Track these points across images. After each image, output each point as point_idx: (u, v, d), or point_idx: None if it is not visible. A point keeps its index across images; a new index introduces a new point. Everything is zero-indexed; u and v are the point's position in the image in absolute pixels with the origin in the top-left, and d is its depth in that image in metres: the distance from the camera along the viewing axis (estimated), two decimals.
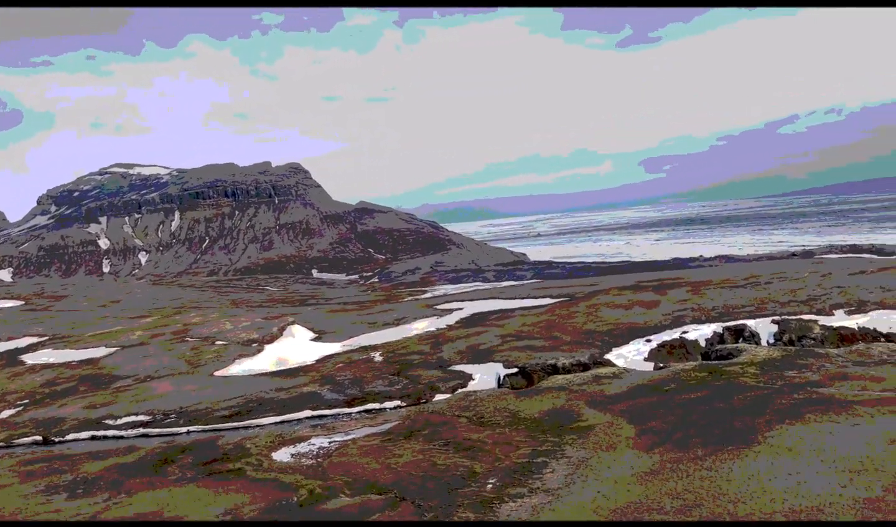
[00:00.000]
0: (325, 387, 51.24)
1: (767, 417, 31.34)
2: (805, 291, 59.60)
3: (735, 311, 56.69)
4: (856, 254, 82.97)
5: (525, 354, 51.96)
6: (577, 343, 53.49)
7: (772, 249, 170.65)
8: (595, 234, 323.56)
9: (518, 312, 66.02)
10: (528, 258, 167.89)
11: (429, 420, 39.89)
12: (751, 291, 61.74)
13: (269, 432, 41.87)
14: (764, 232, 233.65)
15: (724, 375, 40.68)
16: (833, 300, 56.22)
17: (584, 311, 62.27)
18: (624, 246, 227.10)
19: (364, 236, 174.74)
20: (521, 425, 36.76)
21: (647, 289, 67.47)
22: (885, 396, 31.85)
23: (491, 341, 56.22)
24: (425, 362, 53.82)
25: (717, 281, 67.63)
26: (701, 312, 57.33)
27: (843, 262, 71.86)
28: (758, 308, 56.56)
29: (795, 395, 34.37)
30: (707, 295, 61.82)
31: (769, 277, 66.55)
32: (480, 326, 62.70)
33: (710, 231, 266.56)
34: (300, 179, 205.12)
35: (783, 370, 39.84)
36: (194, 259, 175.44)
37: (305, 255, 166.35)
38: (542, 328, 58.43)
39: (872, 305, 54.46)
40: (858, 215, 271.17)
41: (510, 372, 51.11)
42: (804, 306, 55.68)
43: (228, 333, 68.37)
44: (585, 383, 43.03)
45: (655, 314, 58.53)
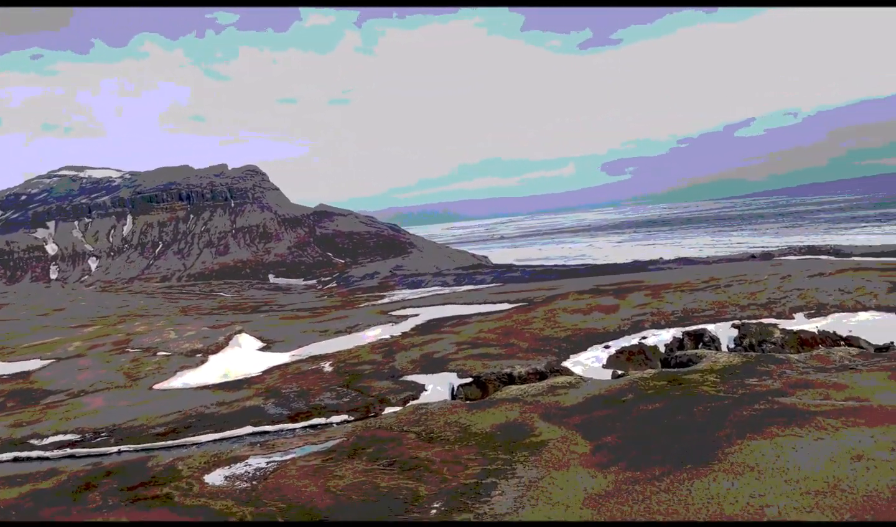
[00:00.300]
0: (270, 401, 48.53)
1: (728, 430, 29.80)
2: (765, 293, 58.76)
3: (695, 315, 55.52)
4: (814, 255, 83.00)
5: (480, 362, 49.98)
6: (535, 350, 51.70)
7: (731, 250, 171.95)
8: (558, 236, 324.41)
9: (475, 318, 64.05)
10: (489, 261, 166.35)
11: (375, 436, 37.58)
12: (710, 295, 60.72)
13: (205, 452, 39.07)
14: (723, 233, 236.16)
15: (684, 383, 39.21)
16: (793, 303, 55.40)
17: (543, 316, 60.59)
18: (586, 248, 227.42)
19: (323, 240, 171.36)
20: (472, 440, 34.70)
21: (607, 293, 66.07)
22: (848, 406, 30.56)
23: (446, 349, 54.12)
24: (377, 373, 51.48)
25: (677, 284, 66.59)
26: (660, 317, 56.04)
27: (801, 263, 71.50)
28: (718, 312, 55.47)
29: (757, 405, 32.95)
30: (667, 299, 60.60)
31: (729, 279, 65.69)
32: (436, 333, 60.58)
33: (670, 233, 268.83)
34: (257, 182, 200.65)
35: (744, 378, 38.49)
36: (147, 264, 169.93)
37: (262, 259, 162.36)
38: (500, 335, 56.54)
39: (832, 307, 53.74)
40: (815, 217, 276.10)
41: (464, 382, 49.06)
42: (764, 310, 54.75)
43: (172, 343, 65.06)
44: (541, 394, 41.20)
45: (614, 319, 57.07)
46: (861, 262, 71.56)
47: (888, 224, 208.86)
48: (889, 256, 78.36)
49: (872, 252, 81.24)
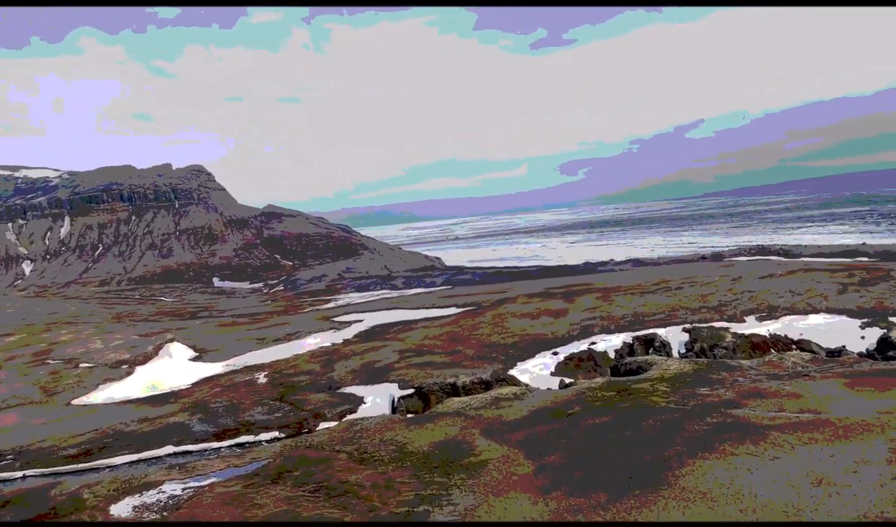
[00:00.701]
0: (196, 416, 45.10)
1: (679, 448, 27.82)
2: (716, 296, 57.57)
3: (645, 319, 53.92)
4: (764, 256, 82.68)
5: (424, 372, 47.40)
6: (481, 358, 49.36)
7: (682, 250, 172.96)
8: (512, 237, 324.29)
9: (421, 324, 61.49)
10: (442, 263, 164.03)
11: (304, 457, 34.69)
12: (661, 298, 59.33)
13: (116, 477, 35.60)
14: (675, 234, 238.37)
15: (633, 394, 37.28)
16: (744, 306, 54.25)
17: (490, 321, 58.35)
18: (540, 249, 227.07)
19: (271, 242, 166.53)
20: (408, 461, 32.08)
21: (556, 296, 64.25)
22: (803, 419, 28.93)
23: (389, 358, 51.40)
24: (313, 384, 48.48)
25: (627, 287, 65.13)
26: (610, 321, 54.30)
27: (752, 265, 70.81)
28: (668, 316, 53.98)
29: (709, 418, 31.14)
30: (617, 302, 58.99)
31: (680, 281, 64.51)
32: (380, 340, 57.82)
33: (623, 233, 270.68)
34: (203, 182, 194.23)
35: (695, 387, 36.76)
36: (85, 268, 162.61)
37: (207, 262, 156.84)
38: (445, 341, 54.09)
39: (783, 310, 52.70)
40: (763, 217, 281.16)
41: (406, 394, 46.40)
42: (715, 313, 53.45)
43: (97, 353, 60.86)
44: (484, 407, 38.82)
45: (564, 324, 55.14)
46: (810, 262, 71.33)
47: (833, 224, 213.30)
48: (837, 256, 78.55)
49: (821, 253, 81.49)
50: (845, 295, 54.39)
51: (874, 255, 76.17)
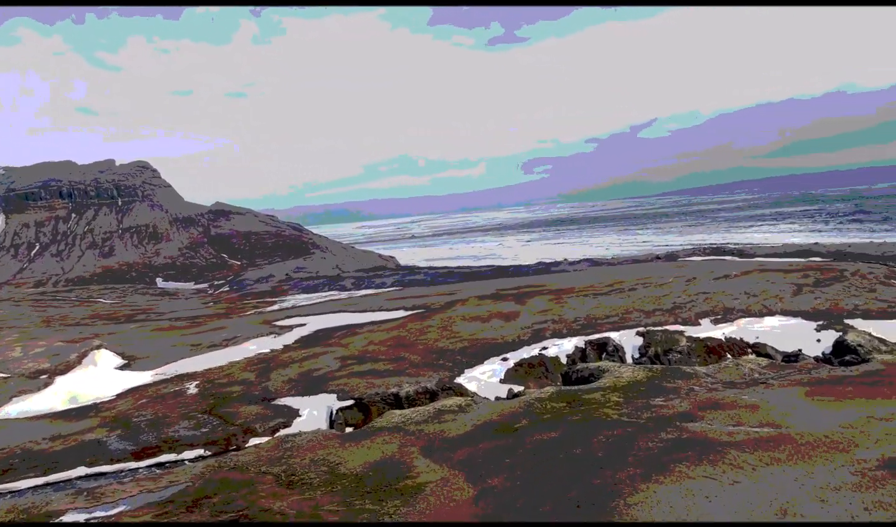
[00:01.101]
0: (115, 432, 41.44)
1: (631, 469, 25.65)
2: (670, 298, 56.00)
3: (598, 322, 51.96)
4: (719, 256, 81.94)
5: (365, 381, 44.54)
6: (427, 365, 46.73)
7: (637, 249, 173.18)
8: (469, 235, 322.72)
9: (367, 328, 58.59)
10: (395, 262, 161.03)
11: (227, 480, 31.59)
12: (615, 299, 57.54)
13: (15, 505, 31.88)
14: (629, 232, 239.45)
15: (585, 405, 35.10)
16: (699, 308, 52.73)
17: (439, 325, 55.77)
18: (496, 247, 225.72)
19: (218, 240, 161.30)
20: (339, 484, 29.25)
21: (508, 298, 62.02)
22: (763, 434, 27.07)
23: (329, 366, 48.39)
24: (247, 395, 45.21)
25: (580, 288, 63.30)
26: (562, 324, 52.21)
27: (707, 265, 69.71)
28: (622, 319, 52.12)
29: (664, 433, 29.09)
30: (569, 304, 57.02)
31: (633, 282, 62.89)
32: (322, 345, 54.74)
33: (579, 232, 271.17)
34: (147, 179, 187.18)
35: (649, 397, 34.76)
36: (20, 268, 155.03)
37: (151, 261, 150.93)
38: (391, 347, 51.30)
39: (738, 312, 51.29)
40: (715, 215, 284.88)
41: (345, 405, 43.42)
42: (669, 315, 51.77)
43: (14, 362, 56.44)
44: (426, 421, 36.21)
45: (514, 327, 52.86)
46: (765, 262, 70.53)
47: (783, 223, 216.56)
48: (791, 256, 78.26)
49: (775, 253, 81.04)
50: (800, 296, 53.33)
51: (827, 254, 76.00)
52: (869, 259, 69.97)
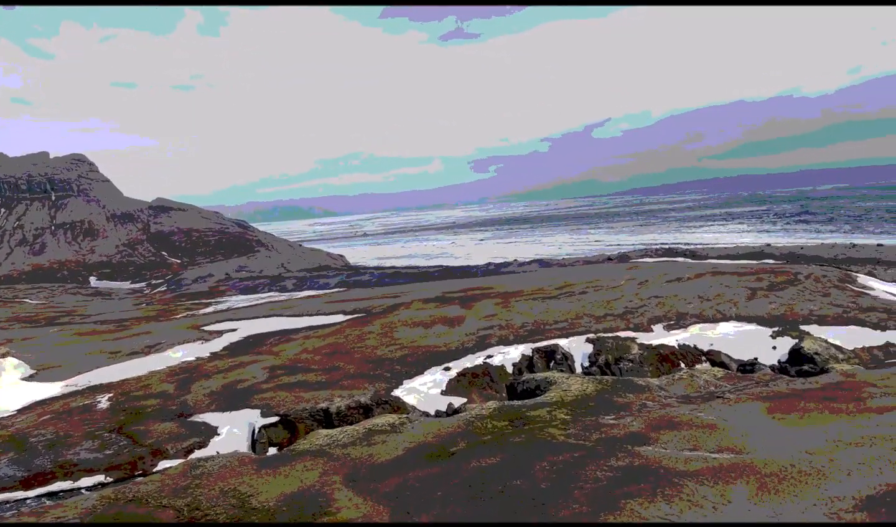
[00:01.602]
0: (7, 455, 36.72)
1: (577, 507, 22.67)
2: (622, 302, 53.64)
3: (546, 328, 49.24)
4: (671, 258, 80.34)
5: (293, 394, 40.86)
6: (364, 376, 43.28)
7: (589, 248, 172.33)
8: (422, 233, 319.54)
9: (302, 334, 54.80)
10: (345, 261, 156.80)
11: (121, 516, 27.58)
12: (564, 303, 54.96)
13: None
14: (582, 232, 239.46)
15: (529, 423, 32.19)
16: (651, 313, 50.46)
17: (379, 330, 52.33)
18: (449, 246, 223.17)
19: (158, 238, 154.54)
20: (249, 520, 25.79)
21: (454, 301, 58.94)
22: (723, 462, 24.48)
23: (256, 376, 44.53)
24: (162, 410, 41.09)
25: (529, 291, 60.61)
26: (509, 331, 49.33)
27: (659, 267, 67.79)
28: (571, 324, 49.48)
29: (614, 459, 26.30)
30: (517, 308, 54.20)
31: (584, 285, 60.47)
32: (252, 353, 50.80)
33: (531, 231, 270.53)
34: (84, 172, 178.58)
35: (598, 414, 32.04)
36: None
37: (85, 259, 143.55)
38: (325, 355, 47.67)
39: (692, 318, 49.17)
40: (666, 215, 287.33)
41: (269, 422, 39.63)
42: (621, 321, 49.35)
43: None
44: (353, 443, 32.83)
45: (459, 333, 49.77)
46: (718, 265, 69.03)
47: (732, 223, 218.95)
48: (744, 258, 77.10)
49: (728, 255, 79.91)
50: (755, 301, 51.52)
51: (780, 257, 75.03)
52: (822, 262, 69.03)
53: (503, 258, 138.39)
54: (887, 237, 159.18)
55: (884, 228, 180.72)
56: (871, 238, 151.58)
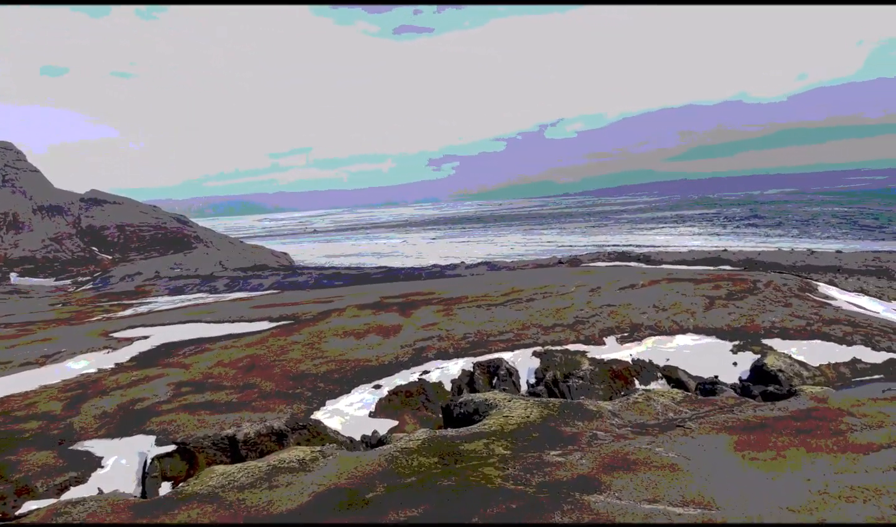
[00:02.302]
0: None
1: None
2: (572, 311, 49.66)
3: (490, 339, 44.90)
4: (624, 262, 76.98)
5: (197, 417, 35.61)
6: (281, 395, 38.25)
7: (541, 249, 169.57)
8: (373, 231, 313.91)
9: (221, 343, 49.37)
10: (289, 259, 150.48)
11: None
12: (511, 312, 50.75)
13: None
14: (534, 232, 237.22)
15: (462, 460, 27.64)
16: (603, 324, 46.56)
17: (306, 341, 47.27)
18: (400, 244, 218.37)
19: (90, 232, 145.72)
20: None
21: (392, 308, 54.23)
22: (689, 519, 20.56)
23: (160, 394, 39.10)
24: (41, 436, 35.38)
25: (474, 297, 56.26)
26: (450, 342, 44.83)
27: (612, 272, 64.25)
28: (517, 335, 45.24)
29: (559, 514, 22.02)
30: (459, 317, 49.77)
31: (532, 291, 56.37)
32: (160, 365, 45.23)
33: (484, 230, 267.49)
34: (10, 161, 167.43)
35: (542, 449, 27.73)
36: None
37: (7, 254, 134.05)
38: (241, 370, 42.45)
39: (646, 329, 45.42)
40: (619, 217, 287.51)
41: (164, 451, 34.44)
42: (571, 332, 45.32)
43: None
44: (253, 483, 27.88)
45: (394, 345, 45.07)
46: (673, 271, 65.77)
47: (683, 226, 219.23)
48: (700, 264, 74.09)
49: (684, 260, 76.86)
50: (713, 311, 48.09)
51: (737, 263, 72.18)
52: (780, 269, 66.40)
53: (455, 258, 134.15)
54: (835, 242, 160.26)
55: (830, 233, 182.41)
56: (818, 243, 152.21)
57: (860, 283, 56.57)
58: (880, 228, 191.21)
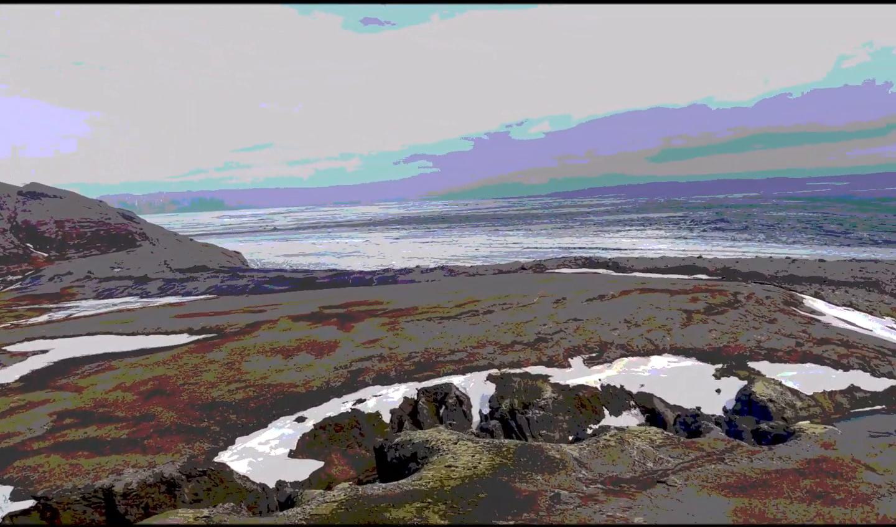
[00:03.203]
0: None
1: None
2: (534, 325, 43.96)
3: (439, 360, 38.92)
4: (592, 269, 71.70)
5: (72, 459, 28.92)
6: (183, 429, 31.80)
7: (507, 251, 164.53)
8: (336, 230, 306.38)
9: (128, 360, 42.64)
10: (241, 259, 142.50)
11: None
12: (465, 326, 44.89)
13: None
14: (500, 233, 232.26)
15: None
16: (568, 342, 40.94)
17: (226, 359, 40.77)
18: (362, 244, 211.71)
19: (25, 228, 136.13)
20: None
21: (331, 320, 48.01)
22: None
23: (35, 427, 32.40)
24: None
25: (425, 308, 50.29)
26: (392, 363, 38.75)
27: (579, 281, 58.85)
28: (470, 355, 39.38)
29: None
30: (406, 332, 43.79)
31: (491, 302, 50.55)
32: (49, 387, 38.38)
33: (449, 231, 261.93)
34: None
35: (490, 517, 22.13)
36: None
37: None
38: (141, 396, 35.86)
39: (617, 348, 39.88)
40: (585, 219, 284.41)
41: (20, 509, 28.07)
42: (532, 351, 39.59)
43: None
44: None
45: (326, 367, 38.83)
46: (645, 280, 60.15)
47: (650, 229, 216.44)
48: (673, 272, 68.79)
49: (656, 267, 71.40)
50: (692, 327, 42.78)
51: (714, 272, 66.88)
52: (760, 279, 61.64)
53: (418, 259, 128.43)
54: (800, 247, 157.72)
55: (797, 237, 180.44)
56: (784, 248, 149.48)
57: (849, 296, 51.98)
58: (845, 234, 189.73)
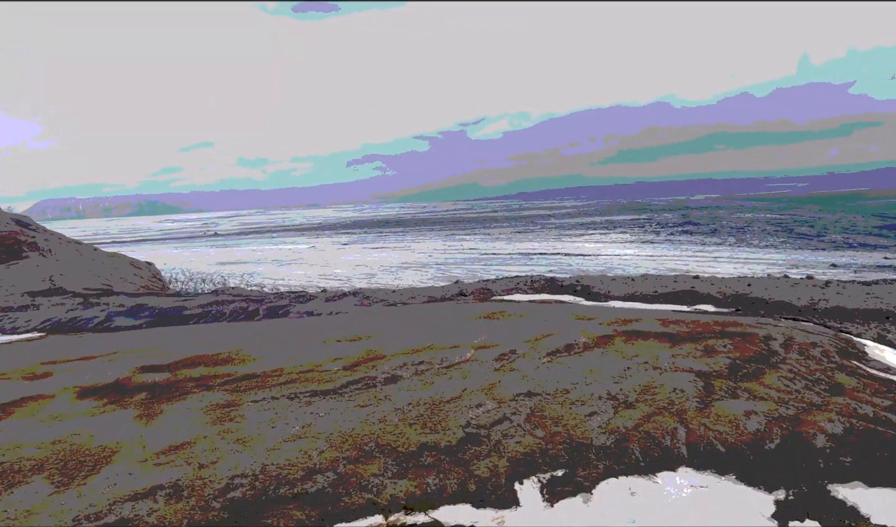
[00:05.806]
0: None
1: None
2: (461, 408, 26.52)
3: (280, 493, 21.18)
4: (555, 295, 55.18)
5: None
6: None
7: (462, 257, 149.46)
8: (282, 234, 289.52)
9: None
10: (153, 270, 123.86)
11: None
12: (347, 410, 27.25)
13: None
14: (455, 238, 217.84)
15: None
16: (517, 445, 23.48)
17: None
18: (307, 250, 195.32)
19: None
20: None
21: (138, 394, 29.60)
22: None
23: None
24: None
25: (295, 371, 31.80)
26: (188, 505, 20.42)
27: (537, 316, 41.53)
28: (338, 481, 21.14)
29: None
30: (244, 424, 26.02)
31: (402, 356, 32.55)
32: None
33: (403, 234, 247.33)
34: None
35: None
36: None
37: None
38: None
39: (600, 458, 22.76)
40: (546, 222, 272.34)
41: None
42: (451, 471, 22.21)
43: None
44: None
45: (60, 516, 21.40)
46: (629, 314, 39.23)
47: (614, 232, 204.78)
48: (664, 301, 51.14)
49: (638, 291, 53.72)
50: (715, 407, 26.20)
51: (722, 301, 49.61)
52: (787, 310, 45.75)
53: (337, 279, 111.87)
54: (774, 251, 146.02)
55: (769, 241, 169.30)
56: (758, 252, 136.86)
57: None
58: (818, 237, 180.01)
